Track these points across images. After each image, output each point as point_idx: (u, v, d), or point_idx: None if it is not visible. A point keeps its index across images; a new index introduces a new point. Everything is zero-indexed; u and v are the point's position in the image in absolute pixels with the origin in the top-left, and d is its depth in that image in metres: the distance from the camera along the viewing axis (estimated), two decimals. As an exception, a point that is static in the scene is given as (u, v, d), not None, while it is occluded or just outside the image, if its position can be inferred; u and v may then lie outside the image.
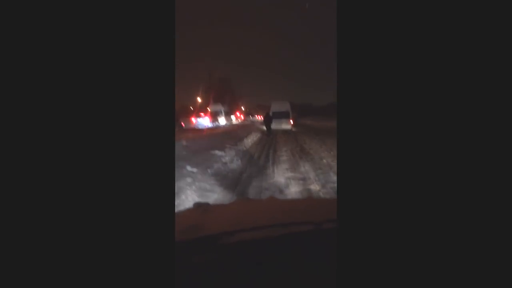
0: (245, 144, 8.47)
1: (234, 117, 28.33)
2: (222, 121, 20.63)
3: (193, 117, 18.82)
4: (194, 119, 18.42)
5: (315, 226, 0.65)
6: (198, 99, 27.11)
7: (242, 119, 32.32)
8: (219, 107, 21.65)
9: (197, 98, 28.25)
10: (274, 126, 13.46)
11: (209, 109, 21.24)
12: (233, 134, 9.93)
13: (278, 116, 13.74)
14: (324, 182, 3.90)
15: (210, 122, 18.63)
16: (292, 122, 14.49)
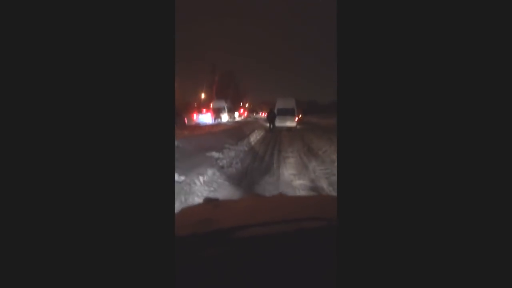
0: (247, 143, 7.76)
1: (237, 113, 27.81)
2: (225, 117, 20.29)
3: (194, 113, 18.33)
4: (195, 116, 17.94)
5: (328, 222, 0.65)
6: (202, 95, 26.72)
7: (246, 116, 31.82)
8: (222, 104, 21.32)
9: (201, 94, 27.86)
10: (278, 123, 13.06)
11: (211, 105, 20.81)
12: (234, 132, 9.34)
13: (283, 113, 13.46)
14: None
15: (212, 119, 18.16)
16: (297, 119, 14.16)
